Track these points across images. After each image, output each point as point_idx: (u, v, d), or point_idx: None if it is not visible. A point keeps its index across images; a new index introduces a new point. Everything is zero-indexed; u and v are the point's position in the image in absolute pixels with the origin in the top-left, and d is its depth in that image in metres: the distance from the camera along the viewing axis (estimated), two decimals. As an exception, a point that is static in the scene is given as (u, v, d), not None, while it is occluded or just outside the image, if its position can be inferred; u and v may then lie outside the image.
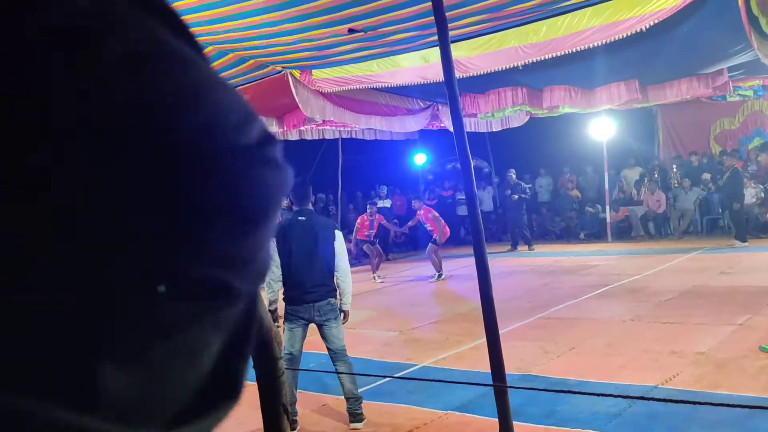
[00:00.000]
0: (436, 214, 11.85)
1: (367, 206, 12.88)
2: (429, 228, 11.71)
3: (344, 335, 5.00)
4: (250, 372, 2.64)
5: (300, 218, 4.98)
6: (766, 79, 10.96)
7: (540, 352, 6.27)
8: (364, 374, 5.78)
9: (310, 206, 5.18)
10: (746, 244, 12.12)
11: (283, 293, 4.92)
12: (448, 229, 12.03)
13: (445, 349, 6.75)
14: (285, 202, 11.58)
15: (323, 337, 4.94)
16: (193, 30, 0.41)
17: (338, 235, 4.97)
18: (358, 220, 12.76)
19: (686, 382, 5.01)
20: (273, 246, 4.97)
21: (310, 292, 4.83)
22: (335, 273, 4.93)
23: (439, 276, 11.60)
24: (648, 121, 17.11)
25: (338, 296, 5.00)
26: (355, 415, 4.87)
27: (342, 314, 5.01)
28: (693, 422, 4.23)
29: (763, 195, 13.40)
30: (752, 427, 4.04)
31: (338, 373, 4.93)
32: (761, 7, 5.83)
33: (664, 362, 5.57)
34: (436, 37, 3.42)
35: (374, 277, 12.27)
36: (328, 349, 4.96)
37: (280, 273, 4.85)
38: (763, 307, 7.13)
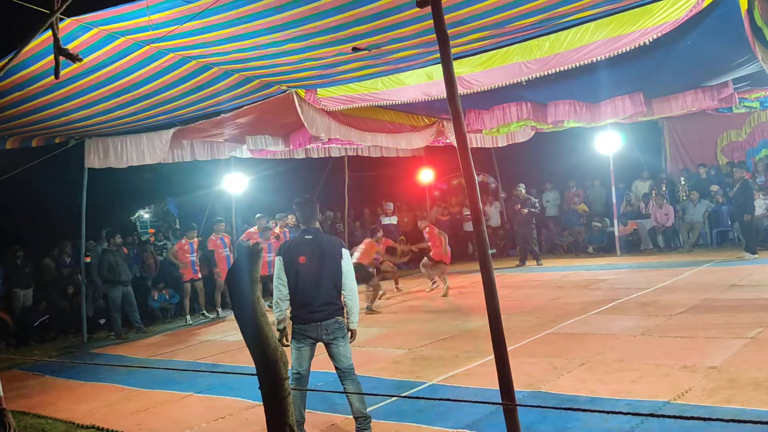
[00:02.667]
0: (441, 231, 11.95)
1: (374, 233, 12.53)
2: (428, 242, 11.84)
3: (352, 353, 4.97)
4: (256, 392, 2.63)
5: (307, 237, 4.97)
6: (772, 90, 10.94)
7: (550, 368, 6.21)
8: (373, 393, 5.74)
9: (317, 225, 5.17)
10: (756, 256, 12.02)
11: (291, 312, 4.90)
12: (449, 249, 12.09)
13: (454, 366, 6.69)
14: (292, 220, 11.60)
15: (331, 356, 4.91)
16: (197, 52, 0.42)
17: (345, 253, 4.96)
18: (366, 245, 12.17)
19: (699, 397, 4.94)
20: (279, 265, 4.96)
21: (318, 311, 4.81)
22: (342, 291, 4.91)
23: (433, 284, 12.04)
24: (654, 134, 17.09)
25: (345, 315, 4.98)
26: None
27: (349, 333, 4.98)
28: (706, 438, 4.16)
29: (772, 206, 13.31)
30: (767, 442, 3.97)
31: (346, 393, 4.89)
32: (765, 18, 5.83)
33: (675, 377, 5.50)
34: (438, 55, 3.43)
35: (397, 288, 12.80)
36: (336, 368, 4.93)
37: (288, 292, 4.84)
38: (776, 319, 7.05)
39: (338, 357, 4.88)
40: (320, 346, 4.92)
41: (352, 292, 4.94)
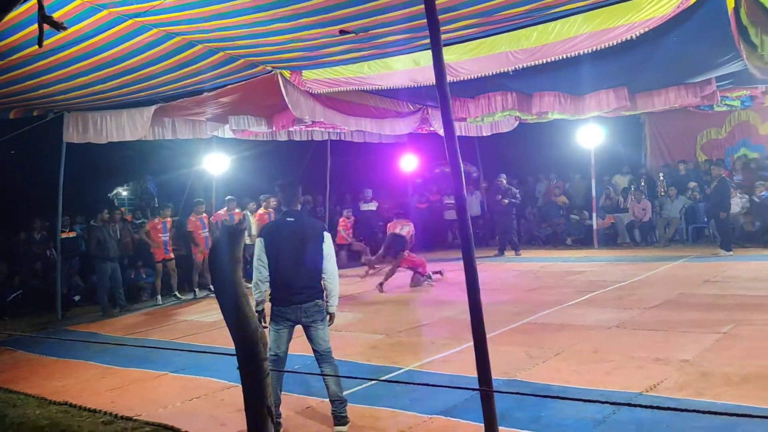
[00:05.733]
0: (404, 226, 11.53)
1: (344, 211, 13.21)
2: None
3: (330, 337, 4.97)
4: (232, 373, 2.62)
5: (288, 219, 4.95)
6: (754, 89, 11.06)
7: (526, 357, 6.27)
8: (350, 377, 5.75)
9: (299, 207, 5.15)
10: (731, 253, 12.21)
11: (270, 294, 4.88)
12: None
13: (431, 352, 6.73)
14: (273, 203, 11.57)
15: (309, 338, 4.91)
16: (182, 28, 0.40)
17: (326, 236, 4.94)
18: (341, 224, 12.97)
19: (670, 390, 5.02)
20: (260, 246, 4.93)
21: (297, 293, 4.80)
22: (323, 275, 4.90)
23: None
24: (636, 129, 17.23)
25: (325, 298, 4.97)
26: (340, 418, 4.83)
27: (328, 316, 4.98)
28: (677, 430, 4.23)
29: (748, 205, 13.51)
30: (735, 435, 4.05)
31: (323, 375, 4.90)
32: (751, 17, 5.87)
33: (648, 369, 5.58)
34: (427, 40, 3.41)
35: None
36: (314, 350, 4.93)
37: (268, 274, 4.82)
38: (748, 315, 7.18)
39: (316, 340, 4.87)
40: (298, 328, 4.92)
41: (333, 275, 4.92)
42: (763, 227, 13.29)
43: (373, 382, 5.75)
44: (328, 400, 4.92)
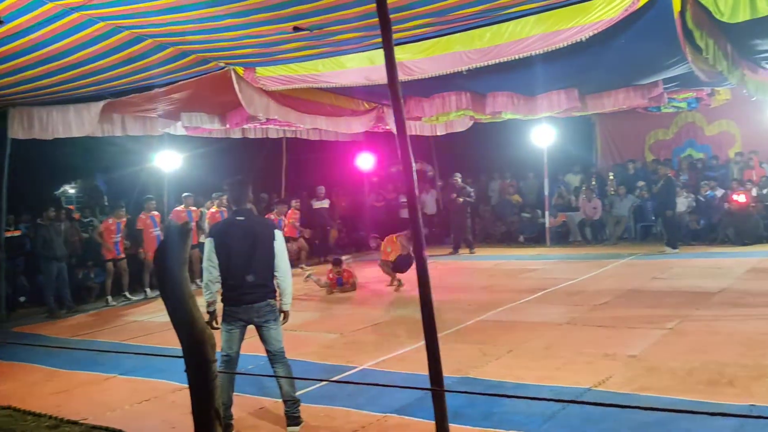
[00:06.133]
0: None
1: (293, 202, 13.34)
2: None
3: (284, 337, 4.93)
4: (184, 375, 2.56)
5: (238, 218, 4.90)
6: (700, 91, 11.38)
7: (479, 354, 6.33)
8: (304, 378, 5.72)
9: (249, 206, 5.09)
10: (677, 250, 12.58)
11: (222, 294, 4.81)
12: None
13: (385, 351, 6.74)
14: (224, 201, 11.36)
15: (262, 339, 4.86)
16: (131, 21, 0.39)
17: (278, 235, 4.89)
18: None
19: (618, 385, 5.14)
20: (210, 247, 4.86)
21: (249, 293, 4.74)
22: (275, 273, 4.85)
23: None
24: (587, 130, 17.60)
25: (278, 297, 4.93)
26: (293, 419, 4.80)
27: (282, 315, 4.94)
28: (624, 424, 4.33)
29: (694, 204, 13.93)
30: (680, 428, 4.16)
31: (276, 376, 4.85)
32: (696, 21, 6.03)
33: (597, 365, 5.70)
34: (380, 39, 3.40)
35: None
36: (267, 351, 4.88)
37: (218, 274, 4.75)
38: (693, 311, 7.40)
39: (269, 340, 4.83)
40: (251, 328, 4.86)
41: (285, 273, 4.88)
42: (708, 225, 13.73)
43: (327, 382, 5.73)
44: (281, 400, 4.88)
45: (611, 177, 15.75)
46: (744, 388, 4.80)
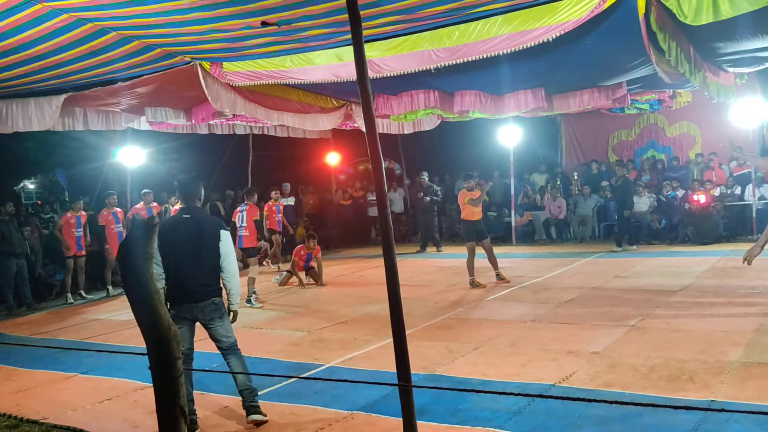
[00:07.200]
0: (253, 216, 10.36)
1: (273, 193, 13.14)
2: (244, 232, 10.13)
3: (249, 336, 4.89)
4: (147, 373, 2.52)
5: (184, 216, 4.86)
6: (662, 93, 11.61)
7: (445, 351, 6.36)
8: (269, 374, 5.69)
9: (199, 204, 5.03)
10: (634, 248, 12.94)
11: (166, 293, 4.72)
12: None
13: (352, 349, 6.73)
14: (176, 200, 11.06)
15: (211, 337, 4.86)
16: (94, 14, 0.37)
17: (224, 235, 4.84)
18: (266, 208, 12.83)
19: (582, 381, 5.21)
20: (154, 245, 4.85)
21: (193, 291, 4.71)
22: (221, 274, 4.82)
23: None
24: (552, 130, 17.82)
25: (225, 297, 4.92)
26: (252, 407, 4.80)
27: (231, 314, 4.93)
28: (587, 419, 4.39)
29: (656, 204, 14.22)
30: (642, 423, 4.24)
31: (231, 370, 4.87)
32: (659, 23, 6.14)
33: (561, 361, 5.77)
34: (350, 36, 3.39)
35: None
36: (219, 347, 4.89)
37: (162, 271, 4.67)
38: (653, 309, 7.54)
39: (218, 337, 4.84)
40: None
41: (231, 274, 4.85)
42: (669, 225, 14.03)
43: (294, 379, 5.70)
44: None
45: (576, 177, 15.98)
46: (704, 384, 4.91)
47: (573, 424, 4.34)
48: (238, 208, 10.51)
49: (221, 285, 4.86)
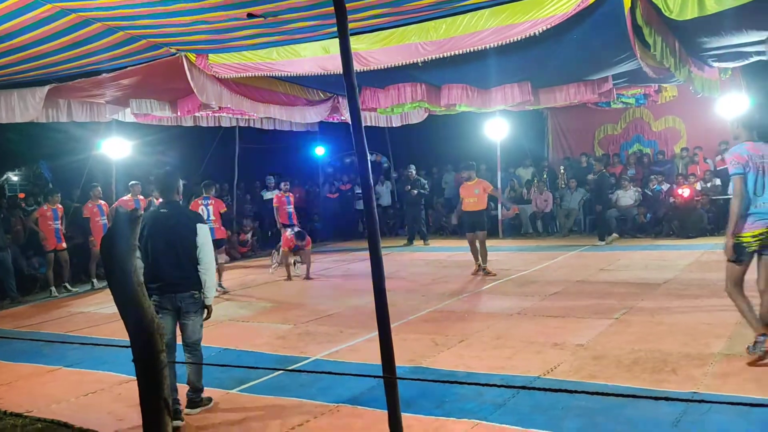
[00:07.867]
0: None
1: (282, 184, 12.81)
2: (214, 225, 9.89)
3: (235, 328, 4.89)
4: (131, 366, 2.51)
5: (162, 210, 4.96)
6: (648, 87, 11.66)
7: (431, 344, 6.38)
8: (255, 367, 5.68)
9: (177, 197, 5.06)
10: (603, 243, 13.10)
11: (146, 286, 4.72)
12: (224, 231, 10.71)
13: (338, 342, 6.74)
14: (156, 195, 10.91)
15: (181, 328, 4.90)
16: (78, 4, 0.36)
17: (201, 228, 4.90)
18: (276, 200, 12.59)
19: (566, 373, 5.25)
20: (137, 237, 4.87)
21: (171, 283, 4.77)
22: (198, 266, 4.85)
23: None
24: (539, 124, 17.86)
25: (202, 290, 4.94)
26: (193, 402, 4.90)
27: (205, 310, 4.95)
28: (571, 410, 4.43)
29: (641, 198, 14.31)
30: (625, 415, 4.28)
31: (187, 363, 4.91)
32: (645, 17, 6.16)
33: (546, 354, 5.81)
34: (335, 28, 3.37)
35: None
36: (183, 341, 4.92)
37: (142, 264, 4.71)
38: (637, 302, 7.60)
39: (187, 332, 4.88)
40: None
41: (208, 267, 4.89)
42: (654, 219, 14.13)
43: (280, 372, 5.70)
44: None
45: (562, 170, 16.04)
46: (687, 376, 4.96)
47: (557, 416, 4.38)
48: (200, 202, 10.16)
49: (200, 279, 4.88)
